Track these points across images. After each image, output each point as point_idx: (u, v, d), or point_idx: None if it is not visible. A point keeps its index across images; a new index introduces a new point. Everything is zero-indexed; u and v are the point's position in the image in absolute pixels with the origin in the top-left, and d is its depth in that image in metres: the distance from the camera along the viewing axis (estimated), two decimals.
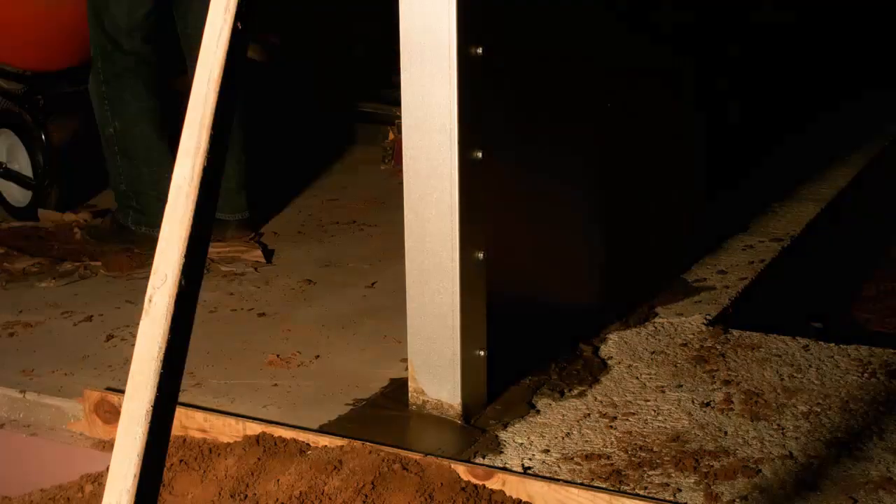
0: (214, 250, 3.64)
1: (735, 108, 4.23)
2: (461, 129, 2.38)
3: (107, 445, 2.56)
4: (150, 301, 1.44)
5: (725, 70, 4.06)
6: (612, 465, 2.30)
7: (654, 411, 2.54)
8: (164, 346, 1.41)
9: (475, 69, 2.39)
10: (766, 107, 4.55)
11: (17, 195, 4.26)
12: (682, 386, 2.66)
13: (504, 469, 2.28)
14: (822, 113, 5.23)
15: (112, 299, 3.37)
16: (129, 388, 1.43)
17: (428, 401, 2.54)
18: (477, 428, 2.48)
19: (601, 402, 2.59)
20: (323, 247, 3.89)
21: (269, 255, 3.73)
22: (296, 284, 3.48)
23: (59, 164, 4.12)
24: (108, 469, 1.50)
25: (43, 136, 4.08)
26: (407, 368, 2.60)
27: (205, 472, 2.36)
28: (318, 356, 2.93)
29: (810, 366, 2.76)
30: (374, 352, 2.95)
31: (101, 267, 3.60)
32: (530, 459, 2.33)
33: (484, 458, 2.33)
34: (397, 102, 2.49)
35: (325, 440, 2.40)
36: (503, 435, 2.44)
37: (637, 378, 2.71)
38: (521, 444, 2.40)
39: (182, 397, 2.01)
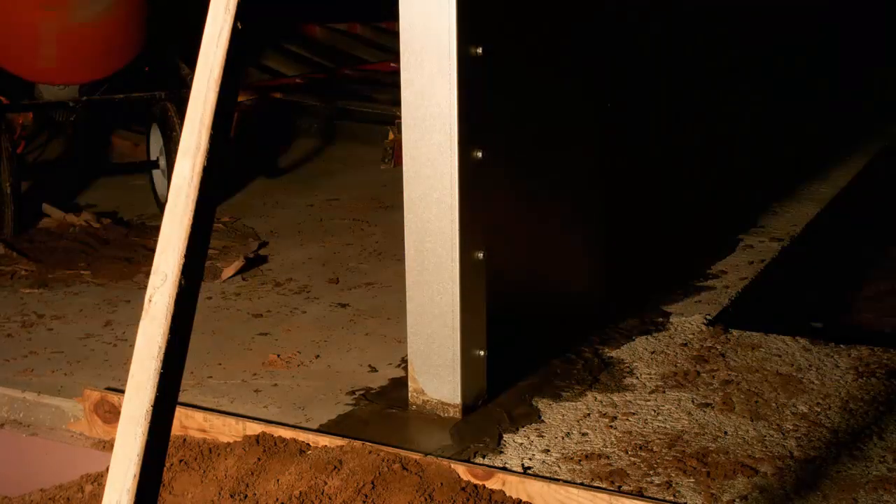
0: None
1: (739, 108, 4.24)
2: (461, 129, 2.38)
3: (107, 445, 2.56)
4: (150, 301, 1.44)
5: (728, 65, 4.07)
6: (612, 465, 2.30)
7: (654, 411, 2.54)
8: (164, 346, 1.41)
9: (475, 69, 2.39)
10: (765, 106, 4.55)
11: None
12: (682, 386, 2.66)
13: (504, 469, 2.28)
14: (823, 113, 5.24)
15: (106, 303, 3.37)
16: (129, 388, 1.43)
17: (428, 401, 2.54)
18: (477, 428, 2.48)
19: (601, 402, 2.59)
20: (322, 247, 3.89)
21: (253, 262, 3.69)
22: (296, 284, 3.48)
23: None
24: (108, 469, 1.50)
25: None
26: (407, 368, 2.60)
27: (205, 472, 2.36)
28: (318, 356, 2.93)
29: (810, 366, 2.76)
30: (374, 352, 2.95)
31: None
32: (530, 459, 2.33)
33: (484, 458, 2.33)
34: (397, 102, 2.49)
35: (325, 440, 2.40)
36: (503, 435, 2.44)
37: (637, 378, 2.71)
38: (521, 444, 2.40)
39: (182, 397, 2.01)
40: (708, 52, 3.70)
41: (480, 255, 2.48)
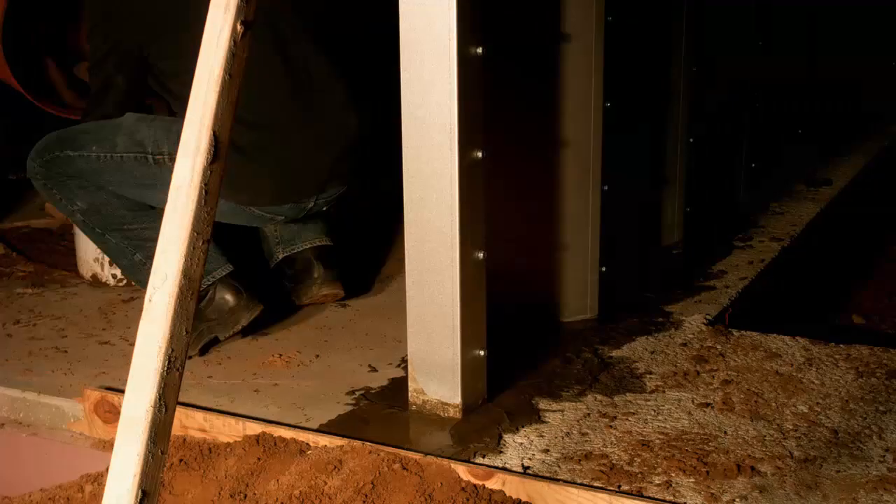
0: None
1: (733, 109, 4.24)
2: (461, 129, 2.37)
3: (107, 445, 2.56)
4: (150, 301, 1.44)
5: (721, 69, 4.07)
6: (611, 464, 2.30)
7: (654, 411, 2.54)
8: (164, 345, 1.41)
9: (475, 69, 2.39)
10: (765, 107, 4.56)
11: None
12: (682, 386, 2.66)
13: (504, 469, 2.28)
14: (823, 112, 5.24)
15: (106, 303, 3.37)
16: (129, 388, 1.43)
17: (428, 401, 2.54)
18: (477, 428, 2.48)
19: (601, 402, 2.59)
20: None
21: None
22: None
23: None
24: (108, 469, 1.50)
25: None
26: (407, 368, 2.60)
27: (205, 472, 2.36)
28: (318, 356, 2.93)
29: (810, 366, 2.76)
30: (374, 352, 2.95)
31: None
32: (530, 459, 2.33)
33: (484, 458, 2.33)
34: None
35: (325, 440, 2.40)
36: (503, 435, 2.44)
37: (637, 378, 2.71)
38: (521, 444, 2.40)
39: (182, 397, 2.01)
40: (707, 49, 3.70)
41: (480, 255, 2.48)
